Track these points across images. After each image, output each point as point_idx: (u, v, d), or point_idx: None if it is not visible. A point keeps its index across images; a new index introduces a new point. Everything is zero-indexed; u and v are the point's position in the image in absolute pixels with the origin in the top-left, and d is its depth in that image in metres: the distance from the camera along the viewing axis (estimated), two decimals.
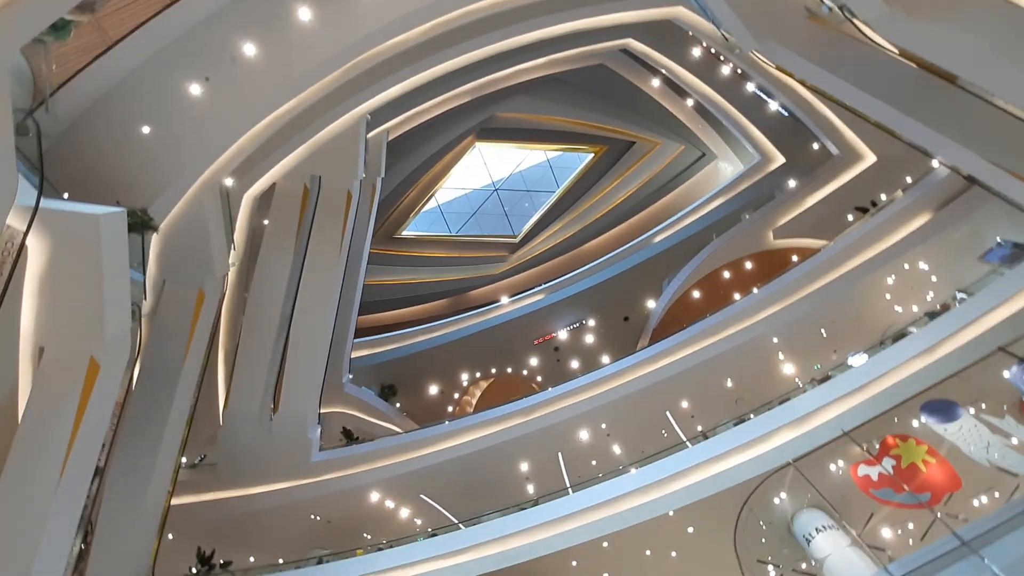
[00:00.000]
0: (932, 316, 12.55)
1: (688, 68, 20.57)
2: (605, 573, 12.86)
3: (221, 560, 13.36)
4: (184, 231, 11.48)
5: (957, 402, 10.76)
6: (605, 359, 20.17)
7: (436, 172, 27.15)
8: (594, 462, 16.19)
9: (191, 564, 13.29)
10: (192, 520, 14.34)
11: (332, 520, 15.83)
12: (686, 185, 27.93)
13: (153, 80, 10.15)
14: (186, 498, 14.31)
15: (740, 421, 12.85)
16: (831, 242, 16.37)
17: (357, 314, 20.57)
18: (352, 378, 20.81)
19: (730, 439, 12.28)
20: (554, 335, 24.75)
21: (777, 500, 12.10)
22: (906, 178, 16.31)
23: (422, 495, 15.75)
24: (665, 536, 12.30)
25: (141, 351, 11.14)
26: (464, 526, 13.12)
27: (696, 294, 22.12)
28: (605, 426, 16.15)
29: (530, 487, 16.30)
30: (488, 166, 29.13)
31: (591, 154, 28.35)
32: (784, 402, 12.66)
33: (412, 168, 25.77)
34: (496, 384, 25.26)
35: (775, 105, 20.83)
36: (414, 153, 24.86)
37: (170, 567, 12.46)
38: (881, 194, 17.13)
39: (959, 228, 14.42)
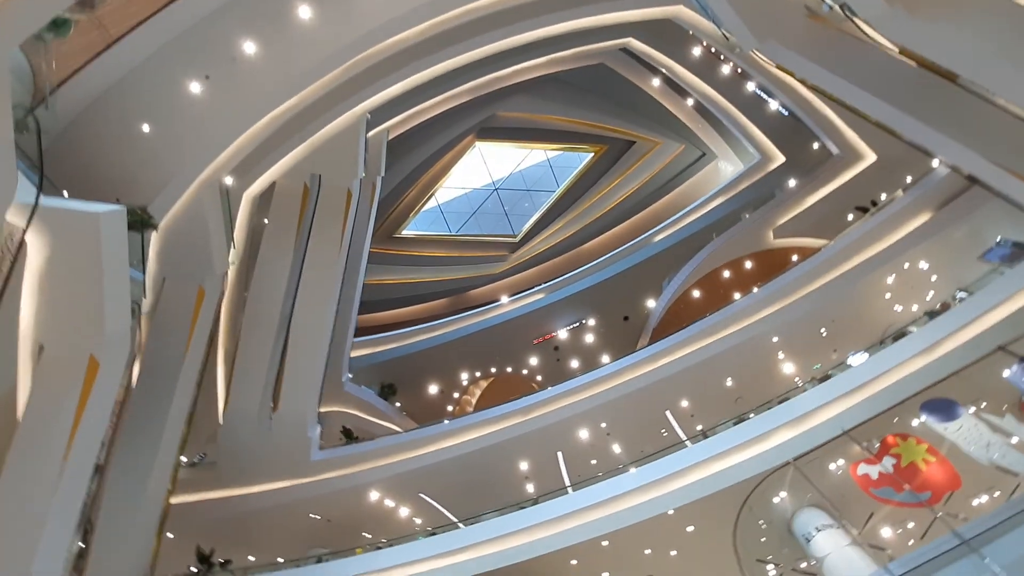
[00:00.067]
0: (932, 315, 12.55)
1: (688, 67, 20.56)
2: (605, 572, 12.86)
3: (221, 559, 13.35)
4: (184, 229, 11.47)
5: (957, 401, 10.76)
6: (605, 358, 20.18)
7: (436, 171, 27.15)
8: (594, 461, 16.20)
9: (191, 563, 13.28)
10: (192, 519, 14.33)
11: (332, 519, 15.83)
12: (686, 184, 27.93)
13: (153, 78, 10.13)
14: (186, 497, 14.30)
15: (740, 420, 12.84)
16: (831, 241, 16.38)
17: (357, 313, 20.55)
18: (352, 377, 20.79)
19: (730, 438, 12.27)
20: (554, 334, 24.75)
21: (777, 499, 12.10)
22: (906, 178, 16.32)
23: (421, 494, 15.76)
24: (665, 535, 12.30)
25: (141, 349, 11.13)
26: (464, 525, 13.12)
27: (696, 293, 22.13)
28: (605, 425, 16.15)
29: (530, 486, 16.30)
30: (488, 165, 29.12)
31: (591, 153, 28.35)
32: (784, 401, 12.66)
33: (412, 167, 25.76)
34: (496, 383, 25.26)
35: (775, 104, 20.83)
36: (414, 152, 24.85)
37: (170, 566, 12.45)
38: (881, 193, 17.13)
39: (959, 227, 14.42)
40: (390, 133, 19.67)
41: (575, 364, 24.00)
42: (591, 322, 24.67)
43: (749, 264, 21.54)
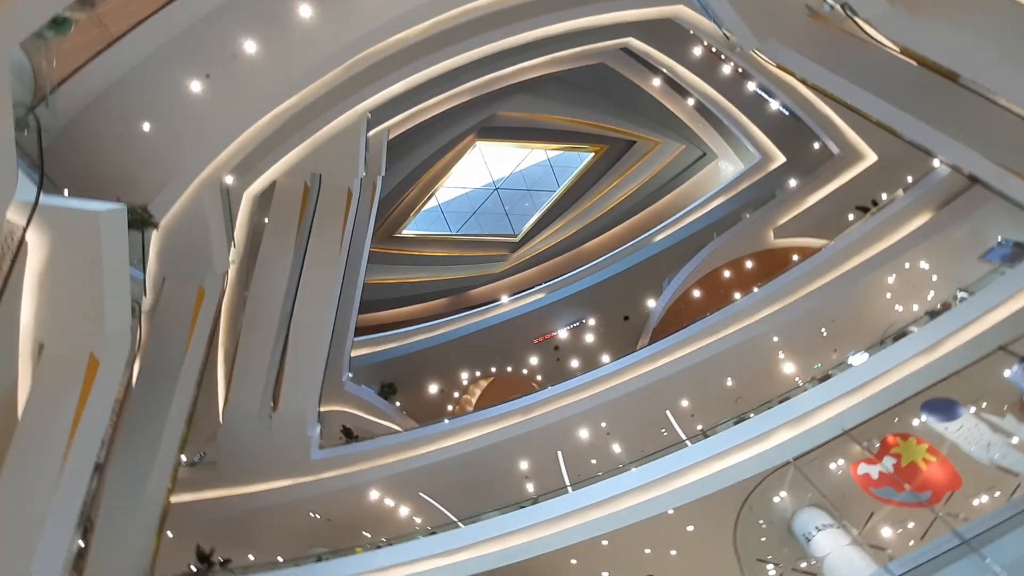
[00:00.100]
0: (933, 315, 12.54)
1: (689, 67, 20.55)
2: (605, 572, 12.86)
3: (220, 558, 13.35)
4: (184, 228, 11.47)
5: (958, 401, 10.75)
6: (605, 358, 20.16)
7: (436, 171, 27.14)
8: (594, 461, 16.18)
9: (190, 562, 13.27)
10: (192, 518, 14.32)
11: (331, 518, 15.82)
12: (687, 184, 27.91)
13: (154, 77, 10.14)
14: (186, 496, 14.29)
15: (740, 420, 12.82)
16: (832, 241, 16.36)
17: (357, 312, 20.54)
18: (352, 376, 20.78)
19: (730, 438, 12.26)
20: (554, 334, 24.73)
21: (777, 499, 12.09)
22: (907, 177, 16.30)
23: (421, 493, 15.75)
24: (665, 535, 12.29)
25: (141, 348, 11.13)
26: (463, 524, 13.10)
27: (696, 293, 22.11)
28: (605, 425, 16.15)
29: (529, 486, 16.29)
30: (488, 165, 29.12)
31: (591, 153, 28.33)
32: (784, 401, 12.64)
33: (413, 167, 25.75)
34: (496, 383, 25.24)
35: (776, 104, 20.82)
36: (415, 152, 24.85)
37: (170, 565, 12.45)
38: (882, 193, 17.11)
39: (960, 227, 14.41)
40: (391, 132, 19.67)
41: (575, 364, 23.98)
42: (591, 322, 24.66)
43: (749, 264, 21.53)
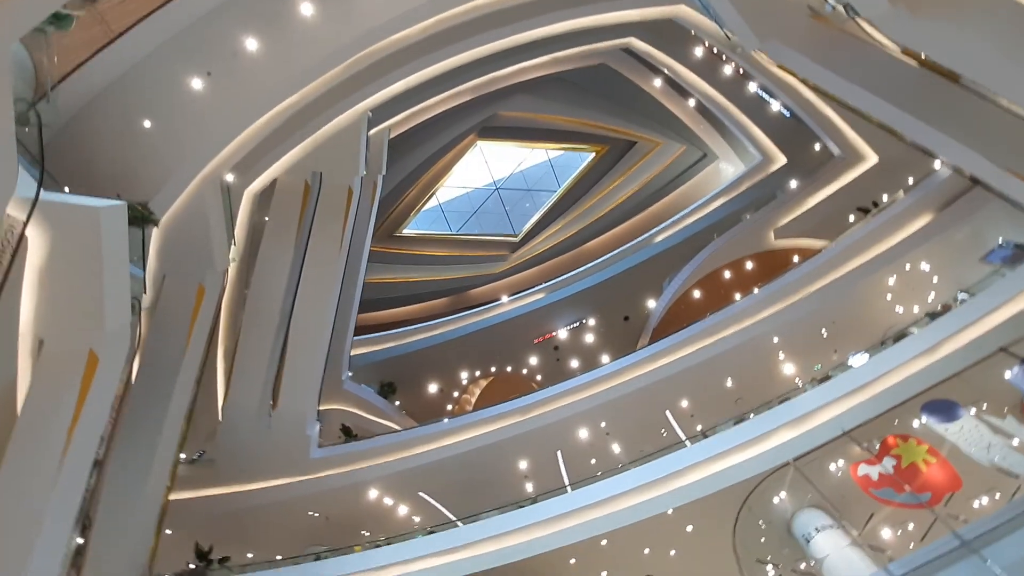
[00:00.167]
0: (933, 316, 12.53)
1: (690, 67, 20.54)
2: (604, 571, 12.84)
3: (219, 556, 13.34)
4: (185, 226, 11.47)
5: (958, 402, 10.74)
6: (605, 358, 20.13)
7: (437, 170, 27.14)
8: (593, 461, 16.17)
9: (189, 559, 13.26)
10: (190, 516, 14.32)
11: (330, 517, 15.81)
12: (687, 185, 27.90)
13: (155, 74, 10.13)
14: (185, 494, 14.28)
15: (740, 420, 12.82)
16: (832, 242, 16.35)
17: (357, 311, 20.53)
18: (352, 375, 20.77)
19: (729, 438, 12.25)
20: (554, 334, 24.73)
21: (777, 499, 12.08)
22: (908, 179, 16.28)
23: (420, 492, 15.73)
24: (664, 535, 12.28)
25: (141, 345, 11.12)
26: (462, 524, 13.09)
27: (697, 294, 22.09)
28: (604, 425, 16.13)
29: (529, 485, 16.28)
30: (489, 165, 29.12)
31: (592, 153, 28.33)
32: (784, 401, 12.64)
33: (413, 166, 25.75)
34: (495, 383, 25.23)
35: (777, 105, 20.81)
36: (415, 151, 24.85)
37: (168, 562, 12.43)
38: (883, 195, 17.10)
39: (961, 229, 14.41)
40: (391, 131, 19.67)
41: (575, 364, 23.96)
42: (591, 322, 24.65)
43: (750, 265, 21.51)
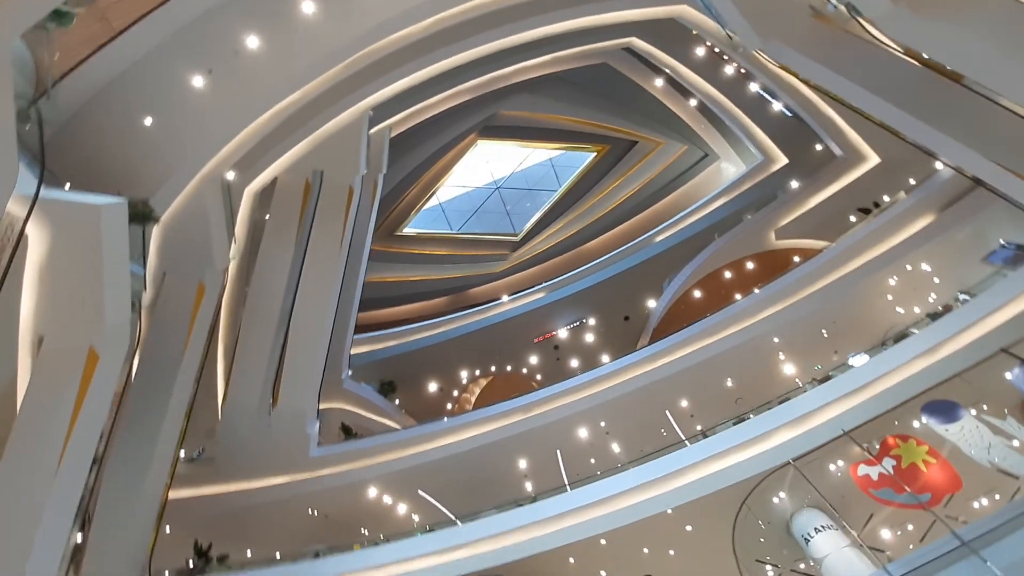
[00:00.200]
0: (934, 317, 12.51)
1: (692, 67, 20.53)
2: (603, 571, 12.84)
3: (218, 554, 13.34)
4: (185, 224, 11.47)
5: (958, 403, 10.73)
6: (605, 358, 20.12)
7: (438, 169, 27.12)
8: (593, 460, 16.15)
9: (188, 557, 13.26)
10: (190, 514, 14.32)
11: (329, 515, 15.81)
12: (688, 185, 27.87)
13: (156, 71, 10.13)
14: (184, 491, 14.28)
15: (739, 420, 12.81)
16: (833, 243, 16.33)
17: (357, 310, 20.52)
18: (352, 374, 20.77)
19: (729, 438, 12.25)
20: (554, 334, 24.73)
21: (776, 499, 12.07)
22: (909, 180, 16.27)
23: (420, 491, 15.72)
24: (663, 534, 12.27)
25: (140, 343, 11.13)
26: (462, 522, 13.09)
27: (697, 294, 22.08)
28: (604, 424, 16.13)
29: (528, 484, 16.26)
30: (490, 164, 29.10)
31: (593, 153, 28.30)
32: (784, 401, 12.63)
33: (414, 165, 25.72)
34: (495, 382, 25.23)
35: (778, 105, 20.79)
36: (416, 150, 24.83)
37: (167, 560, 12.43)
38: (884, 195, 17.08)
39: (962, 230, 14.39)
40: (392, 130, 19.65)
41: (575, 363, 23.95)
42: (591, 321, 24.65)
43: (751, 265, 21.49)
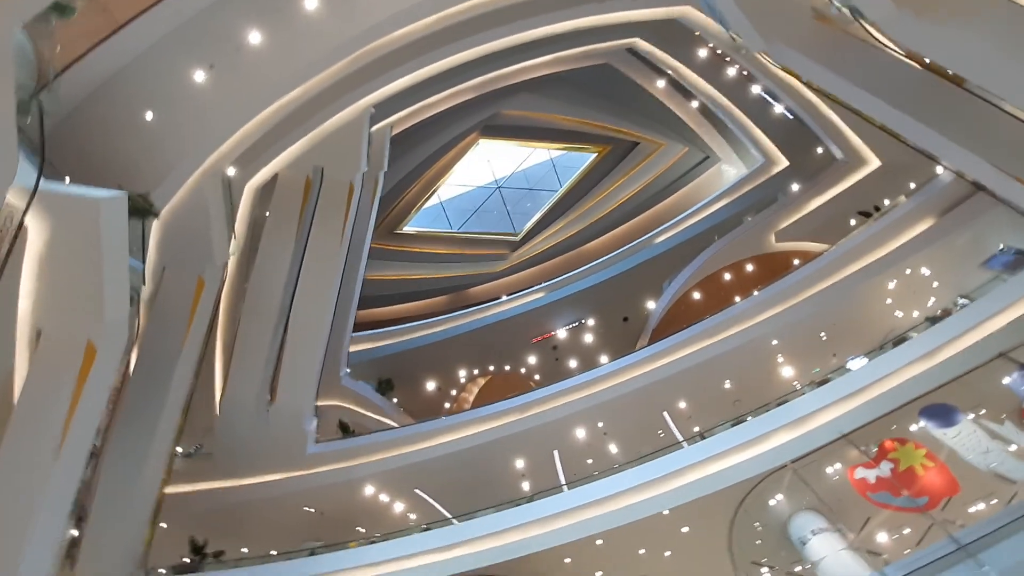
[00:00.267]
0: (933, 321, 12.51)
1: (694, 69, 20.54)
2: (598, 571, 12.83)
3: (214, 550, 13.32)
4: (185, 218, 11.45)
5: (957, 407, 10.73)
6: (604, 359, 20.12)
7: (439, 168, 27.12)
8: (590, 460, 16.14)
9: (184, 553, 13.24)
10: (186, 509, 14.28)
11: (326, 512, 15.79)
12: (689, 187, 27.89)
13: (158, 65, 10.11)
14: (181, 487, 14.24)
15: (737, 422, 12.80)
16: (833, 246, 16.33)
17: (356, 308, 20.51)
18: (350, 372, 20.74)
19: (727, 440, 12.24)
20: (553, 334, 24.71)
21: (773, 502, 12.06)
22: (910, 184, 16.27)
23: (416, 490, 15.71)
24: (659, 535, 12.26)
25: (139, 337, 11.11)
26: (458, 521, 13.09)
27: (696, 295, 22.08)
28: (602, 425, 16.11)
29: (525, 484, 16.25)
30: (491, 163, 29.09)
31: (594, 154, 28.32)
32: (782, 404, 12.61)
33: (415, 163, 25.72)
34: (494, 381, 25.22)
35: (780, 108, 20.81)
36: (417, 148, 24.81)
37: (163, 555, 12.42)
38: (885, 199, 17.10)
39: (962, 234, 14.39)
40: (394, 128, 19.65)
41: (573, 364, 23.95)
42: (590, 322, 24.64)
43: (750, 267, 21.51)
